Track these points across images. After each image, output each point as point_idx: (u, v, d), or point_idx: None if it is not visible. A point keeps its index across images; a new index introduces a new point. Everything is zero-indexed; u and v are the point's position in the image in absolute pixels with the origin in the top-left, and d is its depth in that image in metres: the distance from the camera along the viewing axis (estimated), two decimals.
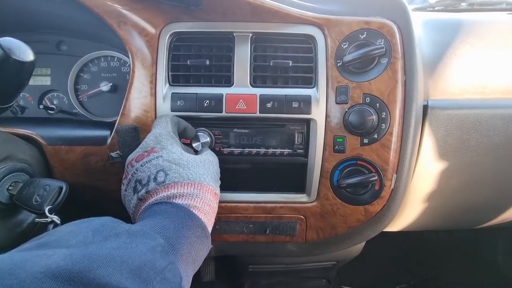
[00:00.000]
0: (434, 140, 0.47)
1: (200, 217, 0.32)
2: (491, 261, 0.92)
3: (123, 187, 0.36)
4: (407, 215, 0.56)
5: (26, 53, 0.30)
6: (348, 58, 0.42)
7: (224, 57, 0.45)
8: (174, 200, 0.31)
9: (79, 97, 0.56)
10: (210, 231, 0.33)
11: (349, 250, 0.68)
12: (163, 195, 0.32)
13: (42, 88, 0.56)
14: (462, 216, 0.61)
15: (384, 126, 0.42)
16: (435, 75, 0.50)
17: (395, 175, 0.43)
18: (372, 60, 0.43)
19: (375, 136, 0.42)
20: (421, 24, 0.55)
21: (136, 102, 0.44)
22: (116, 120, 0.44)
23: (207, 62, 0.45)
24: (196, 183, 0.33)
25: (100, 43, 0.55)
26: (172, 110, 0.45)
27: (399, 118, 0.42)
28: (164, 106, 0.45)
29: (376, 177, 0.43)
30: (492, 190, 0.55)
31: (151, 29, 0.44)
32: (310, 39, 0.45)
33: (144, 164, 0.34)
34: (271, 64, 0.45)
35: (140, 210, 0.33)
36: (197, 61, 0.45)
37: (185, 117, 0.45)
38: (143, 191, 0.33)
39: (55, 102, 0.56)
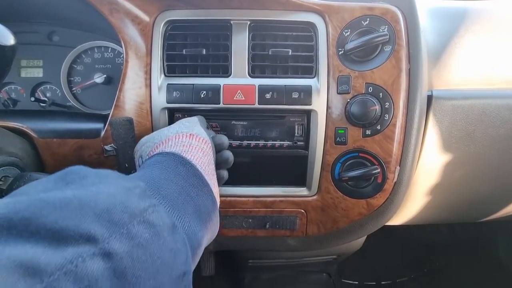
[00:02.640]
0: (438, 131, 0.46)
1: (193, 163, 0.29)
2: (492, 254, 0.91)
3: None
4: (409, 209, 0.55)
5: (5, 37, 0.27)
6: (350, 46, 0.41)
7: (221, 46, 0.44)
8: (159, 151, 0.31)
9: (73, 89, 0.54)
10: (211, 181, 0.30)
11: (350, 244, 0.67)
12: (152, 154, 0.31)
13: (35, 81, 0.54)
14: (466, 210, 0.60)
15: (387, 116, 0.41)
16: (439, 65, 0.48)
17: (398, 168, 0.42)
18: (375, 48, 0.41)
19: (378, 127, 0.41)
20: (425, 12, 0.53)
21: (130, 93, 0.42)
22: (109, 113, 0.42)
23: (204, 52, 0.43)
24: (179, 134, 0.32)
25: (93, 33, 0.53)
26: (168, 102, 0.43)
27: (403, 108, 0.41)
28: (159, 97, 0.43)
29: (378, 170, 0.41)
30: (497, 183, 0.53)
31: (144, 17, 0.42)
32: (311, 26, 0.44)
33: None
34: (270, 53, 0.43)
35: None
36: (193, 50, 0.43)
37: (181, 108, 0.44)
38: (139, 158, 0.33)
39: (48, 94, 0.54)
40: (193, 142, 0.32)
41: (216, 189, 0.32)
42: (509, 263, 0.88)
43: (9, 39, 0.27)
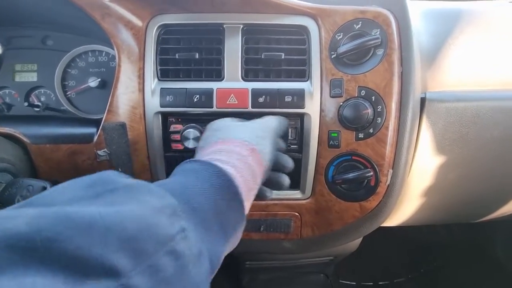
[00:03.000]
0: (432, 133, 0.46)
1: (233, 177, 0.26)
2: (490, 254, 0.92)
3: None
4: (404, 210, 0.55)
5: None
6: (342, 49, 0.41)
7: (214, 50, 0.44)
8: (209, 157, 0.28)
9: (67, 93, 0.54)
10: (246, 196, 0.28)
11: (346, 246, 0.67)
12: (206, 151, 0.30)
13: (29, 85, 0.54)
14: (461, 211, 0.60)
15: (380, 120, 0.41)
16: (433, 67, 0.48)
17: (391, 171, 0.42)
18: (367, 52, 0.41)
19: (371, 130, 0.41)
20: (419, 13, 0.53)
21: (123, 98, 0.42)
22: (103, 117, 0.42)
23: (197, 56, 0.43)
24: (242, 142, 0.30)
25: (87, 37, 0.53)
26: (161, 106, 0.43)
27: (396, 111, 0.41)
28: (152, 101, 0.43)
29: (371, 173, 0.41)
30: (491, 184, 0.53)
31: (137, 22, 0.42)
32: (303, 30, 0.44)
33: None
34: (263, 56, 0.43)
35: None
36: (187, 54, 0.43)
37: (174, 113, 0.44)
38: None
39: (42, 98, 0.54)
40: (248, 159, 0.29)
41: (250, 202, 0.30)
42: (507, 262, 0.88)
43: None
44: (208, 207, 0.24)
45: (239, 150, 0.30)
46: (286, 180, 0.36)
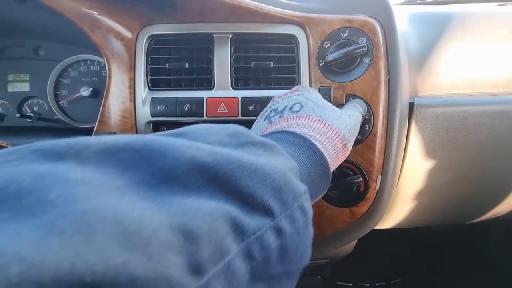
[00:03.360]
0: (421, 138, 0.47)
1: (325, 155, 0.28)
2: (485, 253, 0.92)
3: (256, 121, 0.36)
4: (397, 213, 0.56)
5: None
6: (330, 57, 0.41)
7: (204, 60, 0.44)
8: (301, 130, 0.29)
9: (60, 102, 0.55)
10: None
11: (341, 248, 0.68)
12: (291, 123, 0.30)
13: (22, 95, 0.54)
14: (452, 212, 0.61)
15: (367, 127, 0.41)
16: (423, 71, 0.49)
17: (379, 176, 0.43)
18: (354, 60, 0.41)
19: (359, 137, 0.42)
20: (408, 18, 0.53)
21: (114, 108, 0.43)
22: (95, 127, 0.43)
23: (187, 65, 0.44)
24: (327, 123, 0.30)
25: (79, 46, 0.54)
26: (152, 115, 0.43)
27: (383, 118, 0.41)
28: (143, 111, 0.43)
29: (360, 179, 0.42)
30: (480, 186, 0.54)
31: (127, 33, 0.43)
32: (292, 38, 0.44)
33: (285, 98, 0.34)
34: (252, 65, 0.44)
35: (265, 133, 0.31)
36: (177, 64, 0.44)
37: (166, 122, 0.44)
38: (277, 116, 0.32)
39: (35, 108, 0.55)
40: (335, 140, 0.30)
41: (344, 151, 0.32)
42: (502, 262, 0.89)
43: None
44: (309, 179, 0.26)
45: (335, 139, 0.30)
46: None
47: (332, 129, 0.30)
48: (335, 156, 0.30)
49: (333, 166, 0.30)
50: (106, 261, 0.11)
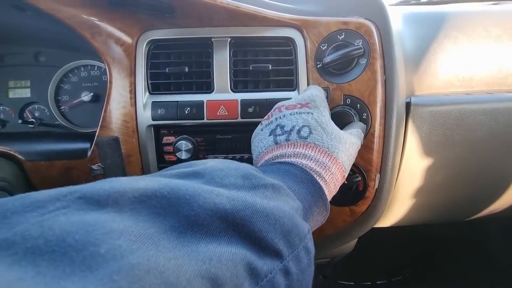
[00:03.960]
0: (418, 137, 0.47)
1: (325, 191, 0.29)
2: (485, 251, 0.93)
3: (260, 126, 0.36)
4: (396, 212, 0.56)
5: None
6: (327, 59, 0.42)
7: (203, 63, 0.45)
8: (307, 162, 0.29)
9: (61, 108, 0.55)
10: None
11: (342, 247, 0.68)
12: (299, 151, 0.30)
13: (23, 101, 0.55)
14: (450, 210, 0.61)
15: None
16: (419, 71, 0.49)
17: (378, 175, 0.43)
18: (351, 61, 0.42)
19: None
20: (403, 19, 0.54)
21: (115, 113, 0.43)
22: (96, 131, 0.43)
23: (186, 69, 0.44)
24: (333, 157, 0.31)
25: (79, 52, 0.54)
26: (153, 119, 0.44)
27: (380, 118, 0.42)
28: (144, 115, 0.44)
29: (359, 178, 0.43)
30: (477, 183, 0.55)
31: (127, 39, 0.43)
32: (290, 41, 0.45)
33: (294, 114, 0.33)
34: (251, 68, 0.44)
35: (268, 157, 0.32)
36: (176, 68, 0.44)
37: (166, 125, 0.45)
38: (283, 137, 0.32)
39: (36, 114, 0.55)
40: (336, 173, 0.31)
41: (340, 183, 0.33)
42: (502, 259, 0.89)
43: None
44: (307, 212, 0.27)
45: (338, 175, 0.31)
46: None
47: (337, 164, 0.31)
48: (334, 190, 0.32)
49: (330, 198, 0.32)
50: None
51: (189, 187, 0.19)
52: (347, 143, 0.33)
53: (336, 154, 0.31)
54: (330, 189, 0.31)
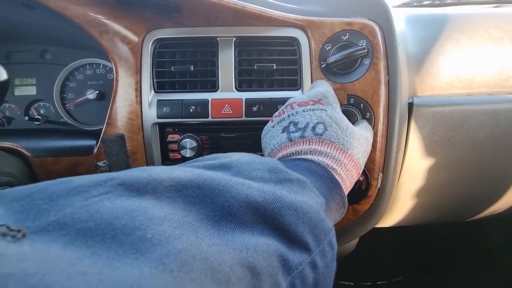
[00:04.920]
0: (420, 137, 0.48)
1: (342, 187, 0.30)
2: (486, 251, 0.93)
3: (270, 124, 0.36)
4: (398, 211, 0.57)
5: None
6: (331, 59, 0.43)
7: (208, 62, 0.45)
8: (324, 160, 0.30)
9: (66, 106, 0.56)
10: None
11: (343, 247, 0.69)
12: (314, 148, 0.30)
13: (28, 98, 0.55)
14: (452, 210, 0.62)
15: None
16: (422, 72, 0.50)
17: (381, 174, 0.44)
18: (355, 61, 0.43)
19: None
20: (406, 20, 0.55)
21: (121, 110, 0.44)
22: (102, 129, 0.44)
23: (192, 68, 0.45)
24: (348, 153, 0.31)
25: (84, 51, 0.55)
26: (158, 117, 0.45)
27: (383, 118, 0.43)
28: (150, 113, 0.45)
29: (362, 177, 0.43)
30: (479, 184, 0.55)
31: (133, 37, 0.44)
32: (294, 41, 0.45)
33: (307, 111, 0.33)
34: (255, 67, 0.45)
35: (282, 154, 0.32)
36: (182, 67, 0.45)
37: (171, 123, 0.46)
38: (298, 134, 0.32)
39: (41, 111, 0.56)
40: (352, 171, 0.31)
41: (356, 178, 0.33)
42: (501, 259, 0.90)
43: (2, 75, 0.29)
44: (326, 208, 0.27)
45: (353, 172, 0.32)
46: None
47: (352, 160, 0.31)
48: (350, 186, 0.32)
49: (346, 194, 0.32)
50: None
51: (222, 179, 0.20)
52: (361, 139, 0.34)
53: (351, 151, 0.31)
54: (347, 186, 0.31)
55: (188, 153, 0.45)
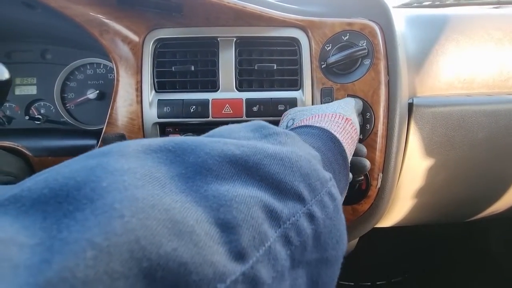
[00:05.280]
0: (420, 137, 0.48)
1: (343, 144, 0.29)
2: (485, 252, 0.94)
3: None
4: (397, 211, 0.57)
5: (1, 73, 0.29)
6: (331, 60, 0.43)
7: (209, 62, 0.45)
8: (319, 124, 0.30)
9: (66, 105, 0.56)
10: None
11: None
12: (316, 119, 0.31)
13: (29, 98, 0.55)
14: (451, 210, 0.62)
15: (368, 126, 0.43)
16: (421, 72, 0.50)
17: (381, 175, 0.44)
18: (355, 62, 0.43)
19: (360, 136, 0.43)
20: (406, 21, 0.55)
21: (122, 110, 0.44)
22: (103, 128, 0.44)
23: (192, 68, 0.45)
24: (347, 118, 0.32)
25: (85, 50, 0.55)
26: (159, 117, 0.45)
27: (383, 118, 0.43)
28: (150, 112, 0.45)
29: (362, 177, 0.43)
30: (479, 184, 0.55)
31: (134, 37, 0.44)
32: (294, 41, 0.45)
33: (301, 111, 0.35)
34: (256, 67, 0.45)
35: None
36: (182, 67, 0.45)
37: (172, 123, 0.46)
38: (292, 122, 0.33)
39: (42, 111, 0.56)
40: (347, 126, 0.32)
41: (356, 133, 0.34)
42: (501, 260, 0.90)
43: (4, 74, 0.29)
44: (329, 168, 0.26)
45: (337, 119, 0.32)
46: (368, 162, 0.37)
47: (351, 124, 0.32)
48: (352, 148, 0.32)
49: (349, 154, 0.31)
50: (159, 248, 0.12)
51: (194, 140, 0.18)
52: (342, 103, 0.36)
53: (349, 115, 0.33)
54: (349, 148, 0.31)
55: None
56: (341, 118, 0.32)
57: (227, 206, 0.15)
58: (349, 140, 0.31)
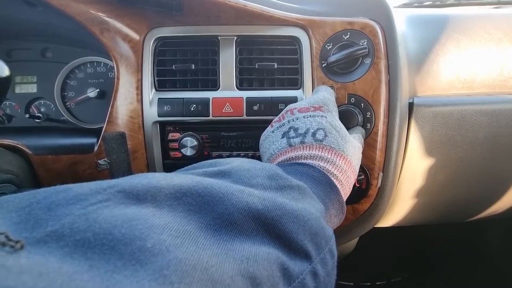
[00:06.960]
0: (420, 137, 0.48)
1: (341, 193, 0.30)
2: (484, 252, 0.94)
3: (270, 129, 0.36)
4: (397, 211, 0.57)
5: (1, 69, 0.29)
6: (332, 59, 0.43)
7: (209, 61, 0.45)
8: (325, 165, 0.30)
9: (67, 104, 0.56)
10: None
11: (342, 247, 0.69)
12: (315, 153, 0.31)
13: (29, 96, 0.55)
14: (451, 210, 0.62)
15: (369, 125, 0.43)
16: (422, 72, 0.50)
17: (381, 174, 0.44)
18: (356, 61, 0.43)
19: None
20: (407, 21, 0.55)
21: (122, 109, 0.44)
22: (103, 127, 0.44)
23: (193, 67, 0.45)
24: (348, 160, 0.31)
25: (85, 49, 0.55)
26: (159, 115, 0.45)
27: (384, 117, 0.43)
28: (150, 111, 0.45)
29: (362, 176, 0.43)
30: (479, 184, 0.55)
31: (134, 35, 0.44)
32: (295, 40, 0.45)
33: (307, 117, 0.34)
34: (256, 66, 0.45)
35: (282, 158, 0.32)
36: (183, 65, 0.45)
37: (172, 122, 0.46)
38: (298, 139, 0.32)
39: (42, 109, 0.56)
40: (351, 179, 0.32)
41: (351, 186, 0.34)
42: (500, 260, 0.90)
43: (4, 71, 0.29)
44: (326, 214, 0.27)
45: (352, 179, 0.32)
46: None
47: (351, 166, 0.32)
48: (348, 191, 0.33)
49: (345, 199, 0.32)
50: None
51: (222, 186, 0.20)
52: (356, 147, 0.34)
53: (350, 157, 0.32)
54: (345, 191, 0.32)
55: (188, 152, 0.45)
56: (348, 166, 0.32)
57: (254, 261, 0.17)
58: (347, 189, 0.32)
